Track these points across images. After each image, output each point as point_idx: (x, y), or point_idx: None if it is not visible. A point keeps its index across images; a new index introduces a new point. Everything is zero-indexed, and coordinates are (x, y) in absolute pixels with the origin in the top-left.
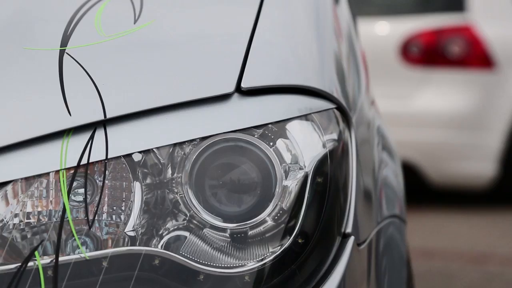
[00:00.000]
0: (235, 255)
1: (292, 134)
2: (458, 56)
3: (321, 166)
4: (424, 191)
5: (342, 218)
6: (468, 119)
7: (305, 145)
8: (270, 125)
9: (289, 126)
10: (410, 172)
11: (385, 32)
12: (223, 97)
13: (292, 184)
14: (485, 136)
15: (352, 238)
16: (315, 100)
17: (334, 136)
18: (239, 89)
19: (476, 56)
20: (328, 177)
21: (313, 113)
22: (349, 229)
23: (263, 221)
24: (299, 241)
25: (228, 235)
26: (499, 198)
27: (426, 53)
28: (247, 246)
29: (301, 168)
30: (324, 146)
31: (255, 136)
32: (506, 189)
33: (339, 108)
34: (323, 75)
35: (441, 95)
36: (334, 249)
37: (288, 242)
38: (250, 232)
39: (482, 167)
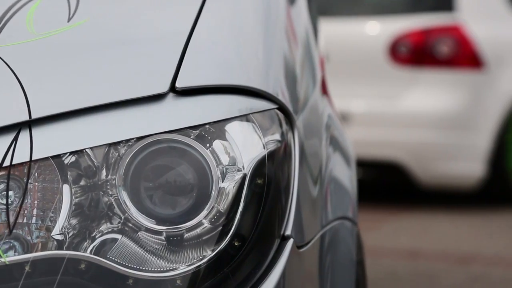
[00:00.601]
0: (169, 258)
1: (231, 135)
2: (447, 56)
3: (260, 167)
4: (412, 191)
5: (281, 220)
6: (456, 119)
7: (244, 146)
8: (207, 126)
9: (228, 126)
10: (399, 172)
11: (374, 32)
12: (157, 97)
13: (229, 186)
14: (473, 136)
15: (291, 241)
16: (256, 101)
17: (276, 137)
18: (174, 89)
19: (464, 56)
20: (267, 178)
21: (253, 113)
22: (288, 232)
23: (199, 224)
24: (235, 243)
25: (163, 238)
26: (487, 198)
27: (415, 53)
28: (182, 249)
29: (239, 170)
30: (264, 147)
31: (191, 137)
32: (493, 189)
33: (283, 109)
34: (268, 76)
35: (430, 95)
36: (272, 252)
37: (223, 244)
38: (185, 235)
39: (470, 168)
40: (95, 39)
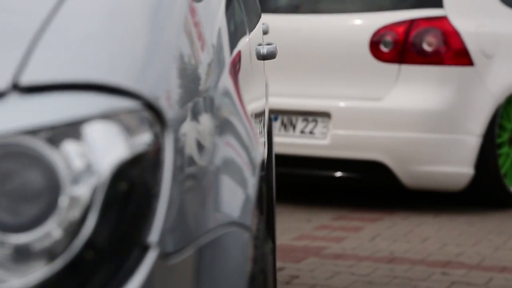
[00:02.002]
0: (12, 269)
1: (87, 136)
2: (432, 50)
3: (121, 172)
4: (397, 193)
5: (145, 228)
6: (442, 117)
7: (103, 149)
8: (58, 127)
9: (85, 127)
10: (384, 173)
11: (358, 28)
12: None
13: (82, 191)
14: (459, 136)
15: (155, 250)
16: (123, 100)
17: (143, 140)
18: (19, 87)
19: (451, 50)
20: (130, 183)
21: (117, 114)
22: (153, 240)
23: (46, 232)
24: (88, 253)
25: (6, 248)
26: (473, 202)
27: (399, 49)
28: (27, 260)
29: (95, 174)
30: (128, 150)
31: (38, 138)
32: (481, 193)
33: (156, 110)
34: (145, 74)
35: (414, 92)
36: (130, 262)
37: (73, 255)
38: (31, 245)
39: (457, 170)
40: None
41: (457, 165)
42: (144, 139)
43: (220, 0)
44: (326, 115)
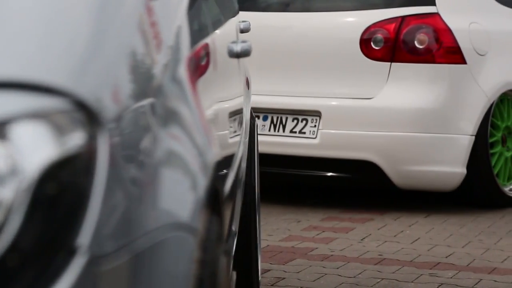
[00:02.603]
0: None
1: (13, 137)
2: (424, 48)
3: (48, 173)
4: (389, 193)
5: (72, 232)
6: (434, 116)
7: (28, 150)
8: None
9: (11, 127)
10: (375, 173)
11: (348, 26)
12: None
13: (4, 194)
14: (451, 135)
15: (84, 256)
16: (52, 99)
17: (74, 140)
18: None
19: (442, 48)
20: (57, 186)
21: (44, 114)
22: (81, 245)
23: None
24: (10, 257)
25: None
26: (464, 203)
27: (390, 46)
28: None
29: (19, 176)
30: (56, 151)
31: None
32: (470, 191)
33: (90, 110)
34: (84, 74)
35: (406, 90)
36: (56, 267)
37: None
38: None
39: (450, 168)
40: None
41: (449, 165)
42: (75, 140)
43: (181, 0)
44: (316, 114)
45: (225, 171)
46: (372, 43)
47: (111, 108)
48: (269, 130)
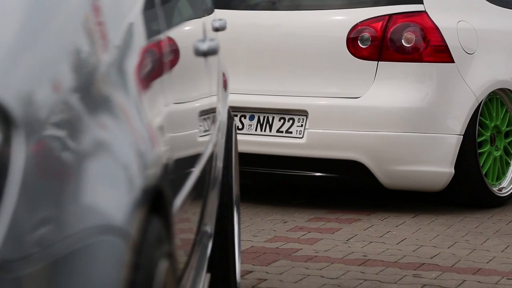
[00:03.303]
0: None
1: None
2: (411, 47)
3: None
4: (377, 193)
5: None
6: (422, 116)
7: None
8: None
9: None
10: (362, 173)
11: (335, 25)
12: None
13: None
14: (439, 135)
15: None
16: None
17: None
18: None
19: (430, 46)
20: None
21: None
22: None
23: None
24: None
25: None
26: (452, 203)
27: (377, 45)
28: None
29: None
30: None
31: None
32: (458, 191)
33: (3, 110)
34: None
35: (393, 89)
36: None
37: None
38: None
39: (438, 168)
40: None
41: (437, 165)
42: None
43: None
44: (303, 113)
45: (181, 171)
46: (359, 42)
47: (34, 108)
48: (256, 130)
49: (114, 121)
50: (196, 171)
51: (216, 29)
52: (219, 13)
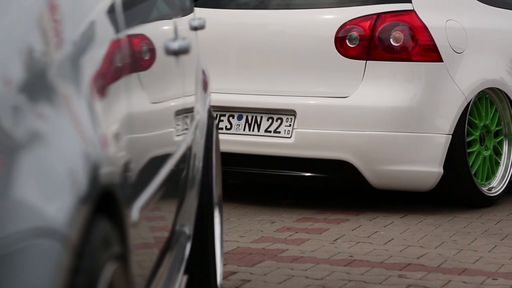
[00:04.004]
0: None
1: None
2: (400, 47)
3: None
4: (366, 193)
5: None
6: (410, 115)
7: None
8: None
9: None
10: (351, 173)
11: (323, 24)
12: None
13: None
14: (428, 134)
15: None
16: None
17: None
18: None
19: (418, 45)
20: None
21: None
22: None
23: None
24: None
25: None
26: (442, 201)
27: (365, 44)
28: None
29: None
30: None
31: None
32: (447, 190)
33: None
34: None
35: (381, 89)
36: None
37: None
38: None
39: (426, 168)
40: None
41: (425, 164)
42: None
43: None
44: (291, 113)
45: (144, 171)
46: (347, 41)
47: None
48: (244, 130)
49: (59, 119)
50: (164, 171)
51: (195, 28)
52: (208, 12)
